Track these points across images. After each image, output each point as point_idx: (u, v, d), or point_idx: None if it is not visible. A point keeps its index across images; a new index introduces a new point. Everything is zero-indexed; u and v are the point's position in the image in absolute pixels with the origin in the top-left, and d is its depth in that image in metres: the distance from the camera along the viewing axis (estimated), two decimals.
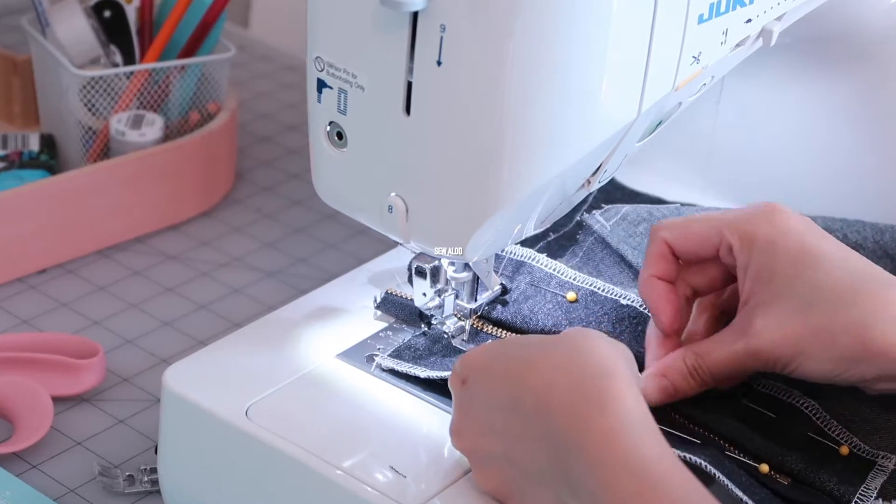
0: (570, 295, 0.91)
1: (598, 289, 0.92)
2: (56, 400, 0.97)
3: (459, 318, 0.91)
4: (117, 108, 1.18)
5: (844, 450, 0.82)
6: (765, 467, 0.81)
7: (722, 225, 0.83)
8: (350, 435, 0.83)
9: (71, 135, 1.19)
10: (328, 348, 0.90)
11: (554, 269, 0.93)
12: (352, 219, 0.86)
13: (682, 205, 1.04)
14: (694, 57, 0.84)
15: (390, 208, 0.81)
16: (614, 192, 1.06)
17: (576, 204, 0.89)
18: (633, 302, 0.90)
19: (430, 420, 0.85)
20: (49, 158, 1.20)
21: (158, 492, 0.90)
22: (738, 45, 0.87)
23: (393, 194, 0.81)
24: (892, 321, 0.78)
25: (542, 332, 0.90)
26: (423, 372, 0.87)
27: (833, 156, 1.08)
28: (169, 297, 1.12)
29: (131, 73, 1.18)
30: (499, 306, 0.92)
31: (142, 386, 1.02)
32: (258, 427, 0.83)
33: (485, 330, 0.91)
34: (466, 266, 0.89)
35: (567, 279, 0.92)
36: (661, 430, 0.76)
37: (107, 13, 1.19)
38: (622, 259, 0.96)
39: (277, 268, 1.16)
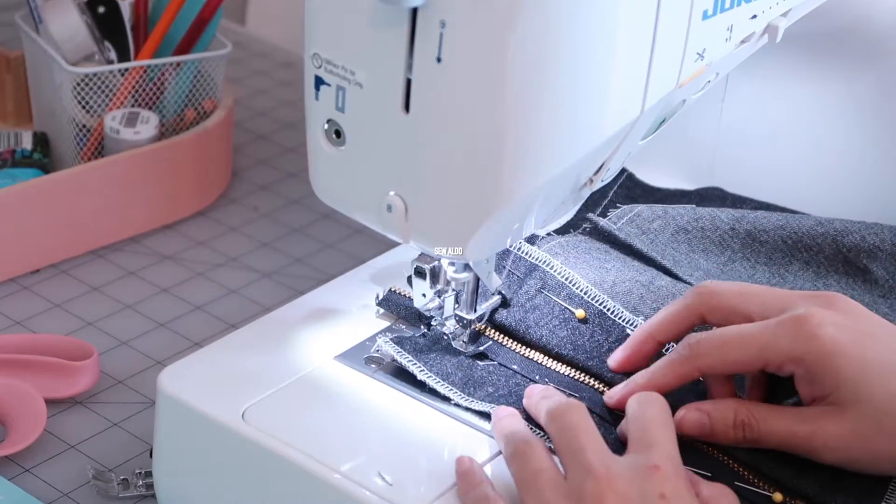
0: (580, 313, 0.91)
1: (608, 310, 0.91)
2: (49, 402, 0.97)
3: (460, 325, 0.91)
4: (111, 105, 1.18)
5: (777, 497, 0.81)
6: (778, 496, 0.81)
7: (762, 349, 0.81)
8: (348, 438, 0.83)
9: (64, 133, 1.18)
10: (326, 350, 0.90)
11: (567, 279, 0.92)
12: (350, 218, 0.86)
13: (697, 206, 1.04)
14: (698, 53, 0.84)
15: (389, 207, 0.81)
16: (634, 189, 1.06)
17: (580, 203, 0.89)
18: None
19: (429, 423, 0.85)
20: (42, 157, 1.20)
21: (153, 496, 0.90)
22: (743, 42, 0.87)
23: (392, 193, 0.81)
24: None
25: (545, 349, 0.90)
26: (419, 371, 0.86)
27: (840, 153, 1.08)
28: (164, 298, 1.12)
29: (126, 70, 1.18)
30: (502, 310, 0.91)
31: (136, 388, 1.01)
32: (255, 430, 0.83)
33: (486, 333, 0.91)
34: (466, 266, 0.89)
35: (579, 292, 0.92)
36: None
37: (101, 9, 1.19)
38: (631, 251, 0.97)
39: (274, 268, 1.16)
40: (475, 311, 0.90)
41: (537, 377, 0.88)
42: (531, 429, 0.82)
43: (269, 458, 0.82)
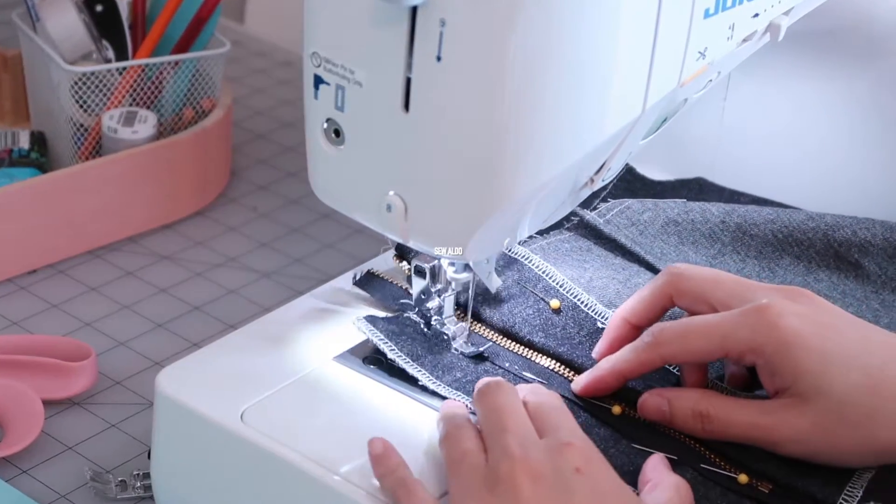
0: (554, 303, 0.91)
1: (582, 303, 0.91)
2: (47, 403, 0.97)
3: (459, 319, 0.91)
4: (109, 104, 1.18)
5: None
6: (744, 477, 0.81)
7: (723, 339, 0.82)
8: (348, 439, 0.83)
9: (62, 132, 1.18)
10: (325, 351, 0.90)
11: (543, 272, 0.93)
12: (349, 218, 0.86)
13: (694, 198, 1.04)
14: (700, 52, 0.84)
15: (389, 207, 0.81)
16: (634, 182, 1.06)
17: (580, 202, 0.89)
18: (674, 369, 0.90)
19: (429, 424, 0.85)
20: (39, 156, 1.20)
21: (151, 497, 0.90)
22: (745, 41, 0.87)
23: (391, 193, 0.81)
24: None
25: (517, 338, 0.90)
26: (390, 350, 0.87)
27: (843, 152, 1.08)
28: (162, 299, 1.12)
29: (124, 68, 1.18)
30: (486, 308, 0.92)
31: (134, 389, 1.01)
32: (253, 431, 0.83)
33: (475, 330, 0.91)
34: (466, 266, 0.89)
35: (554, 284, 0.92)
36: (638, 448, 0.79)
37: (99, 8, 1.19)
38: (615, 246, 0.97)
39: (273, 268, 1.16)
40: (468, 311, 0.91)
41: (507, 364, 0.88)
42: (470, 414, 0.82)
43: (268, 459, 0.82)
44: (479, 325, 0.92)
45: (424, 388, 0.87)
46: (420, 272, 0.89)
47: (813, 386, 0.80)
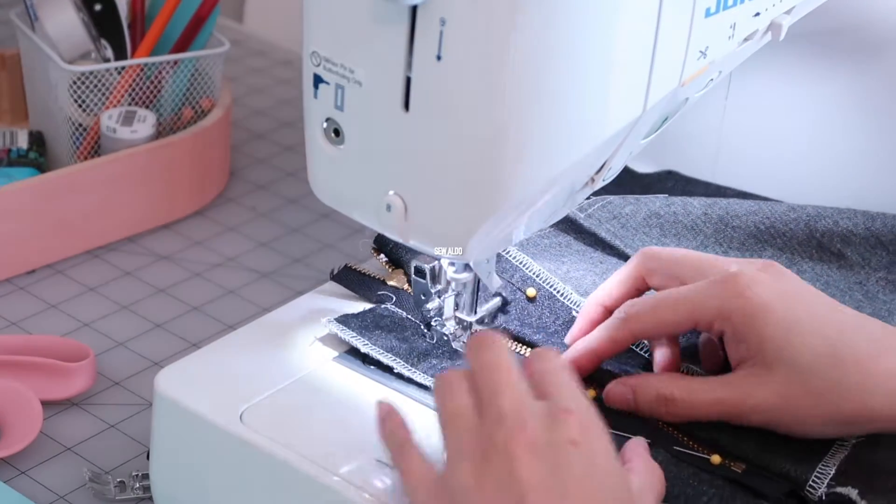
0: (530, 292, 0.92)
1: (558, 292, 0.92)
2: (45, 404, 0.97)
3: (461, 327, 0.91)
4: (108, 104, 1.18)
5: (716, 459, 0.82)
6: (716, 458, 0.82)
7: (692, 309, 0.83)
8: (348, 440, 0.83)
9: (60, 132, 1.18)
10: (325, 351, 0.90)
11: (520, 262, 0.94)
12: (349, 218, 0.86)
13: (669, 195, 1.04)
14: (701, 52, 0.84)
15: (389, 207, 0.81)
16: (622, 175, 1.06)
17: (580, 202, 0.89)
18: (638, 349, 0.91)
19: (429, 424, 0.85)
20: (38, 156, 1.20)
21: (150, 498, 0.90)
22: (746, 40, 0.87)
23: (391, 192, 0.81)
24: (892, 381, 0.80)
25: (492, 327, 0.91)
26: (363, 345, 0.88)
27: (845, 152, 1.08)
28: (161, 299, 1.12)
29: (122, 68, 1.18)
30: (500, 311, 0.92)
31: (133, 389, 1.01)
32: (253, 432, 0.83)
33: (475, 331, 0.91)
34: (467, 266, 0.89)
35: (531, 274, 0.93)
36: (610, 432, 0.77)
37: (97, 7, 1.19)
38: (595, 240, 0.98)
39: (273, 268, 1.16)
40: (475, 312, 0.91)
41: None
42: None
43: (268, 460, 0.82)
44: (482, 327, 0.92)
45: (423, 386, 0.87)
46: (420, 272, 0.89)
47: (777, 354, 0.81)
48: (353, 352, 0.90)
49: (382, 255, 0.96)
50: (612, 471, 0.73)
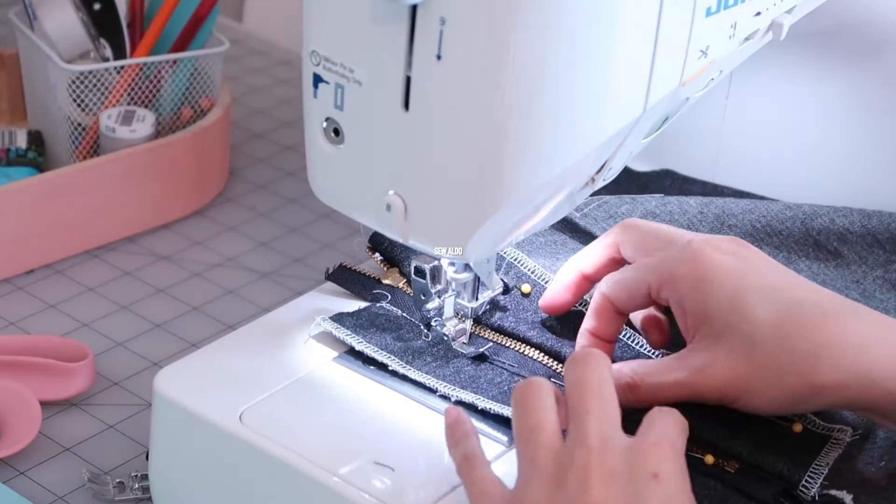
0: (525, 287, 0.92)
1: None
2: (44, 404, 0.97)
3: (460, 320, 0.91)
4: (107, 103, 1.18)
5: (797, 427, 0.82)
6: (710, 458, 0.82)
7: (647, 271, 0.83)
8: (347, 441, 0.83)
9: (59, 131, 1.19)
10: (324, 351, 0.90)
11: (515, 259, 0.94)
12: (349, 218, 0.86)
13: (665, 195, 1.04)
14: (701, 51, 0.84)
15: (388, 207, 0.81)
16: (621, 175, 1.07)
17: (580, 201, 0.89)
18: (580, 307, 0.91)
19: (429, 425, 0.85)
20: (37, 156, 1.20)
21: (150, 499, 0.90)
22: (747, 39, 0.87)
23: (391, 192, 0.81)
24: (838, 355, 0.78)
25: (487, 324, 0.91)
26: (357, 343, 0.88)
27: (846, 151, 1.08)
28: (160, 299, 1.12)
29: (121, 67, 1.18)
30: (500, 311, 0.92)
31: (132, 390, 1.02)
32: (252, 432, 0.83)
33: (482, 334, 0.91)
34: (467, 266, 0.89)
35: (525, 270, 0.93)
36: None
37: (96, 6, 1.19)
38: (591, 239, 0.98)
39: (272, 268, 1.16)
40: (476, 298, 0.91)
41: (507, 364, 0.89)
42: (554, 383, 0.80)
43: (267, 461, 0.82)
44: (480, 326, 0.92)
45: (423, 387, 0.87)
46: (420, 272, 0.89)
47: (724, 324, 0.79)
48: (353, 352, 0.90)
49: (377, 254, 0.96)
50: None
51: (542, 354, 0.89)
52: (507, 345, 0.90)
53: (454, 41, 0.75)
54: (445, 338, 0.90)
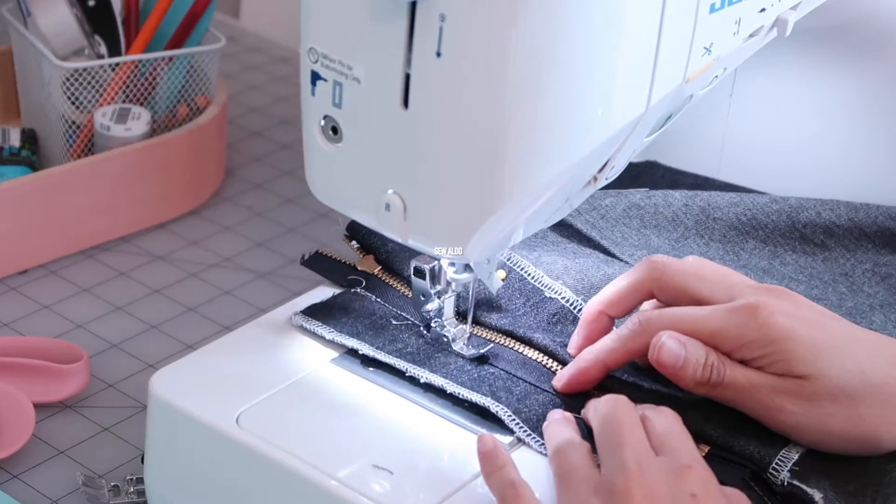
0: (500, 274, 0.93)
1: (529, 275, 0.93)
2: (38, 407, 0.97)
3: (459, 320, 0.91)
4: (102, 101, 1.18)
5: None
6: None
7: (712, 334, 0.84)
8: (346, 443, 0.83)
9: (53, 129, 1.19)
10: (322, 353, 0.90)
11: (531, 276, 0.94)
12: (347, 217, 0.86)
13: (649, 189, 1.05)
14: (705, 48, 0.84)
15: (388, 206, 0.81)
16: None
17: (582, 201, 0.89)
18: (558, 295, 0.92)
19: (429, 427, 0.85)
20: (30, 154, 1.20)
21: (145, 503, 0.90)
22: (751, 36, 0.87)
23: (390, 192, 0.81)
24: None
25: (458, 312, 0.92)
26: (328, 332, 0.89)
27: (851, 149, 1.08)
28: (156, 299, 1.12)
29: (116, 64, 1.18)
30: (500, 311, 0.92)
31: (127, 392, 1.02)
32: (249, 435, 0.83)
33: (480, 334, 0.91)
34: (467, 267, 0.89)
35: (502, 258, 0.93)
36: (576, 417, 0.82)
37: (91, 2, 1.19)
38: (573, 231, 0.98)
39: (269, 268, 1.16)
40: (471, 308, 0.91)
41: (505, 365, 0.89)
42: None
43: (265, 464, 0.82)
44: (480, 327, 0.92)
45: (427, 386, 0.87)
46: (420, 273, 0.89)
47: (809, 369, 0.82)
48: (352, 353, 0.90)
49: (354, 242, 0.97)
50: None
51: (542, 356, 0.89)
52: (508, 345, 0.90)
53: (454, 38, 0.75)
54: (445, 339, 0.90)
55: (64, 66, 1.15)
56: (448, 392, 0.86)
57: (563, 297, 0.92)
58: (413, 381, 0.88)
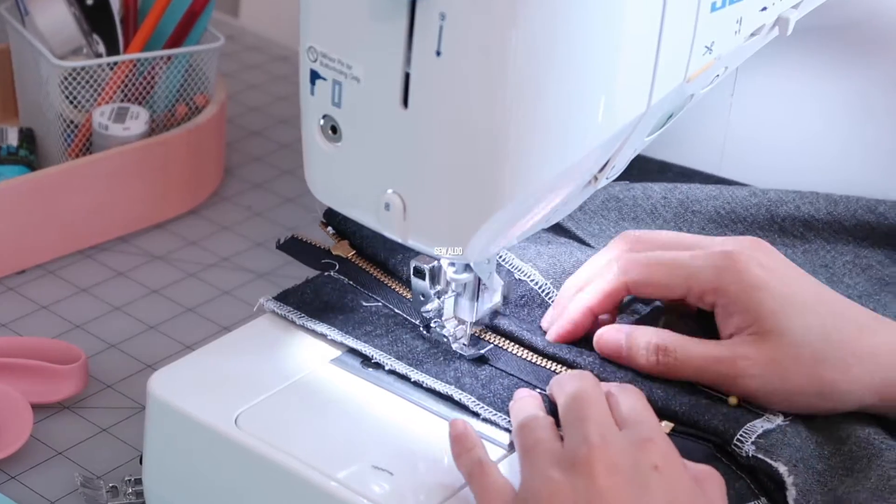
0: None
1: (501, 258, 0.93)
2: (35, 407, 0.97)
3: (460, 323, 0.91)
4: (100, 100, 1.18)
5: (733, 400, 0.86)
6: None
7: (688, 276, 0.87)
8: (345, 444, 0.83)
9: (51, 129, 1.19)
10: (321, 353, 0.90)
11: (503, 259, 0.94)
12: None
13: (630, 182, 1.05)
14: (706, 47, 0.84)
15: (387, 206, 0.81)
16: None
17: (582, 201, 0.89)
18: (527, 277, 0.93)
19: (429, 428, 0.85)
20: (28, 154, 1.20)
21: None
22: (752, 35, 0.87)
23: (390, 191, 0.81)
24: (869, 363, 0.86)
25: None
26: (298, 318, 0.90)
27: (852, 148, 1.08)
28: (154, 300, 1.12)
29: (115, 63, 1.18)
30: (500, 312, 0.92)
31: (126, 393, 1.02)
32: (248, 436, 0.83)
33: (485, 338, 0.91)
34: (467, 267, 0.89)
35: (522, 277, 0.94)
36: (544, 393, 0.83)
37: (89, 1, 1.19)
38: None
39: (269, 268, 1.16)
40: (476, 311, 0.91)
41: (505, 365, 0.89)
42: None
43: (264, 464, 0.82)
44: (480, 328, 0.92)
45: (429, 389, 0.87)
46: (419, 273, 0.89)
47: (773, 324, 0.85)
48: (351, 354, 0.90)
49: (330, 228, 0.99)
50: (693, 496, 0.76)
51: (543, 359, 0.89)
52: (508, 348, 0.90)
53: (454, 37, 0.75)
54: (445, 339, 0.90)
55: (62, 65, 1.15)
56: (412, 380, 0.87)
57: (533, 280, 0.93)
58: (412, 381, 0.87)
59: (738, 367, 0.85)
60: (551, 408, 0.83)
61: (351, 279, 0.95)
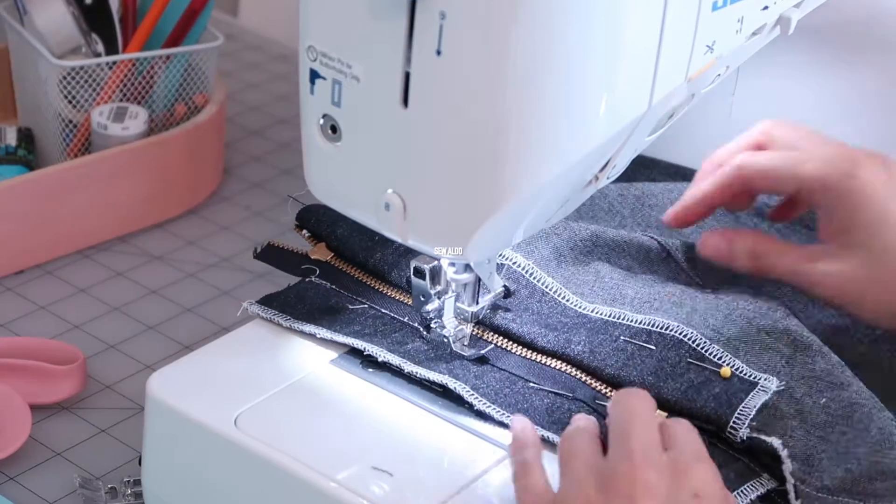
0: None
1: (564, 298, 0.92)
2: (34, 408, 0.97)
3: (460, 322, 0.91)
4: (99, 100, 1.18)
5: (726, 371, 0.85)
6: None
7: (801, 172, 0.90)
8: (344, 445, 0.83)
9: (50, 128, 1.19)
10: (321, 354, 0.90)
11: (524, 269, 0.94)
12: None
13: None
14: (708, 46, 0.84)
15: (387, 206, 0.81)
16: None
17: (583, 201, 0.89)
18: (508, 261, 0.92)
19: (429, 429, 0.85)
20: (27, 153, 1.20)
21: None
22: (754, 34, 0.87)
23: (390, 191, 0.81)
24: None
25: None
26: (284, 320, 0.90)
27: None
28: (153, 300, 1.12)
29: (114, 63, 1.18)
30: (501, 312, 0.92)
31: (124, 393, 1.02)
32: (248, 437, 0.83)
33: (485, 338, 0.91)
34: (467, 267, 0.89)
35: (534, 281, 0.93)
36: (535, 386, 0.84)
37: (88, 0, 1.19)
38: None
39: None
40: (477, 302, 0.91)
41: (483, 352, 0.89)
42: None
43: (263, 465, 0.82)
44: (480, 328, 0.92)
45: (425, 386, 0.87)
46: (419, 273, 0.89)
47: (864, 237, 0.88)
48: (351, 355, 0.90)
49: (305, 231, 0.98)
50: None
51: (546, 357, 0.89)
52: (510, 348, 0.90)
53: (454, 36, 0.75)
54: (445, 340, 0.90)
55: (61, 65, 1.15)
56: (405, 372, 0.87)
57: (515, 263, 0.93)
58: (413, 381, 0.87)
59: (817, 274, 0.89)
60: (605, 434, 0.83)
61: (333, 283, 0.95)
